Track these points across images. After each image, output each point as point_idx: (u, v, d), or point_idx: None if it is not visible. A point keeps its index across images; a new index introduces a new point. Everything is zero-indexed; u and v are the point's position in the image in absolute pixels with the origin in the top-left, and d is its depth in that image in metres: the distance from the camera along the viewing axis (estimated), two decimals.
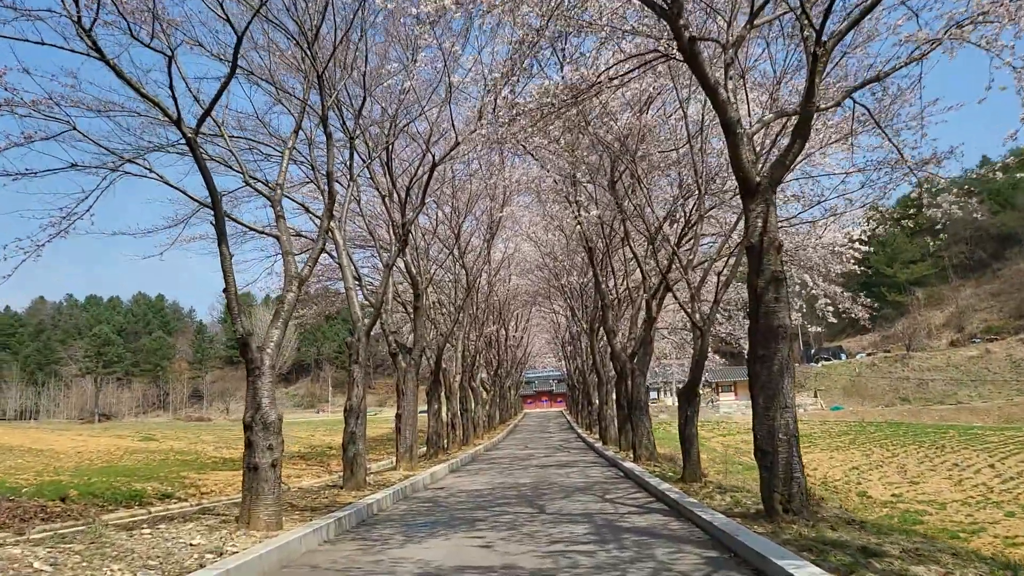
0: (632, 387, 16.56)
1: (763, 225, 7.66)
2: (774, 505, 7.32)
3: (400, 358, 17.12)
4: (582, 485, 13.32)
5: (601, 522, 8.70)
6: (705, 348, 11.30)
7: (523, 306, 45.50)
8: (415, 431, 17.03)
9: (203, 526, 7.88)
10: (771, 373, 7.46)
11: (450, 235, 25.01)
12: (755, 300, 7.64)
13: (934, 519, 23.15)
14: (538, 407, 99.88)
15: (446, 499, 12.06)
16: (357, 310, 12.94)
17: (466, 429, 28.55)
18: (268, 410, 8.08)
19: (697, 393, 11.81)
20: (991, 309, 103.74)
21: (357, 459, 12.54)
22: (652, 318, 16.32)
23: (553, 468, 17.64)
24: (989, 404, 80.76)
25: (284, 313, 8.43)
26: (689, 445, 11.63)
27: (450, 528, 8.78)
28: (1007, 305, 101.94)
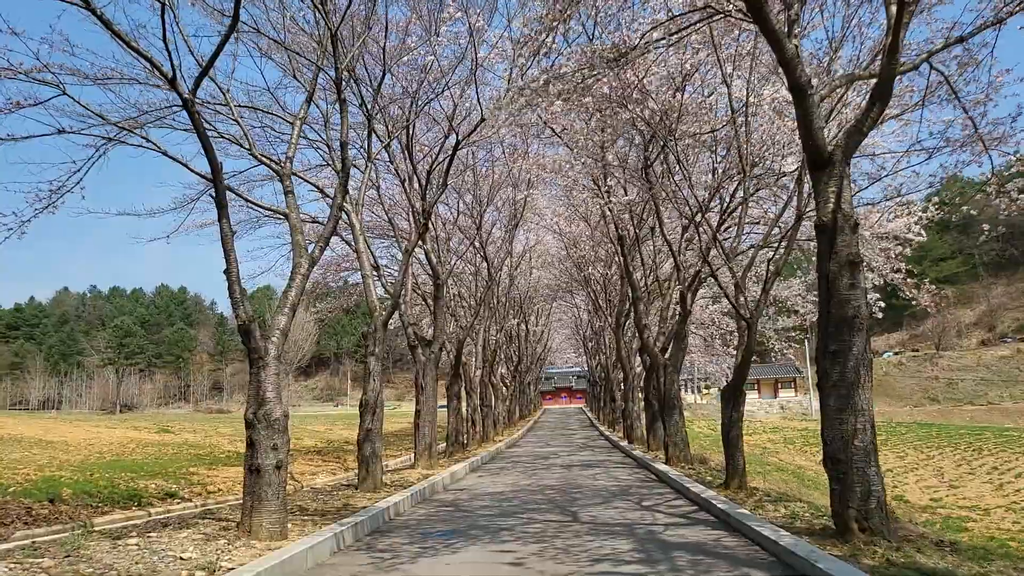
0: (664, 384, 15.60)
1: (836, 200, 6.69)
2: (848, 522, 6.36)
3: (419, 351, 16.26)
4: (614, 489, 12.40)
5: (644, 535, 7.77)
6: (753, 343, 10.32)
7: (544, 300, 44.57)
8: (434, 428, 16.18)
9: (200, 534, 7.04)
10: (845, 370, 6.49)
11: (471, 225, 24.15)
12: (826, 287, 6.68)
13: (979, 526, 21.99)
14: (557, 403, 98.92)
15: (468, 503, 11.19)
16: (374, 299, 12.08)
17: (486, 426, 27.70)
18: (273, 405, 7.23)
19: (742, 392, 10.84)
20: (1023, 308, 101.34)
21: (373, 458, 11.69)
22: (687, 311, 15.33)
23: (578, 468, 16.73)
24: (1021, 405, 78.73)
25: (292, 297, 7.57)
26: (733, 449, 10.66)
27: (474, 539, 7.89)
28: None
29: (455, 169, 21.48)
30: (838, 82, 7.65)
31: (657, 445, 19.27)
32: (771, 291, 10.58)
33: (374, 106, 12.60)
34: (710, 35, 10.60)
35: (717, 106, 13.15)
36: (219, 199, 7.09)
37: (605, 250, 27.44)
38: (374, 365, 11.85)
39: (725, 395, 10.86)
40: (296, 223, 7.95)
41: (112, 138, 8.06)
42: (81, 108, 7.79)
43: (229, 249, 7.15)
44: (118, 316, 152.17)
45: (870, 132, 7.06)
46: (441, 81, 12.76)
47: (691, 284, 15.35)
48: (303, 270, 7.69)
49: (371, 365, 11.85)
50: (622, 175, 16.84)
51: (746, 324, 10.29)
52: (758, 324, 10.26)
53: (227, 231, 7.13)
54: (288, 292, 7.62)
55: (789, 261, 16.28)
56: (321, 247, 7.98)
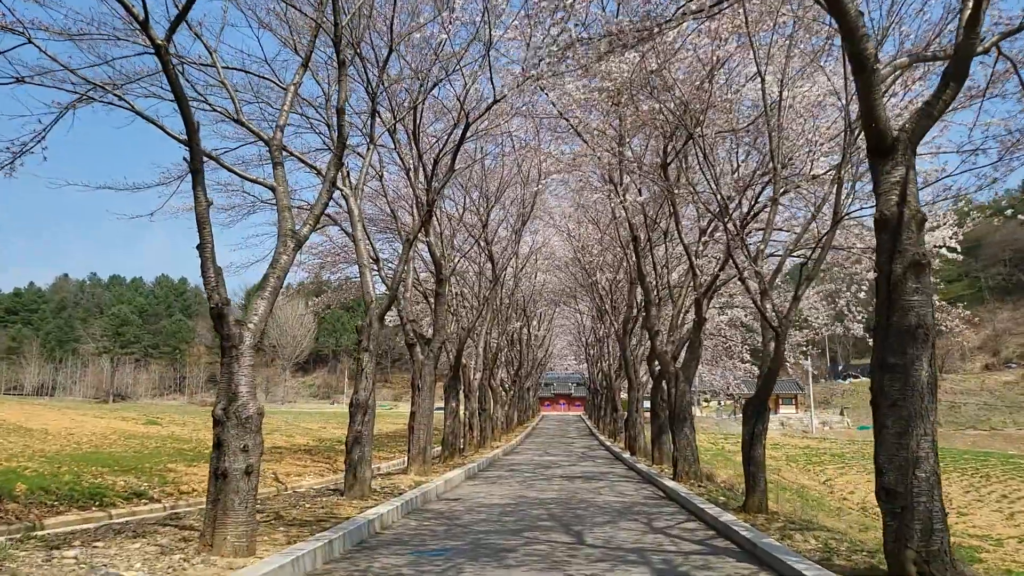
0: (676, 394, 14.70)
1: (901, 193, 5.80)
2: (905, 565, 5.46)
3: (417, 350, 15.37)
4: (619, 506, 11.49)
5: (662, 565, 6.86)
6: (781, 354, 9.43)
7: (548, 305, 43.71)
8: (430, 431, 15.29)
9: (154, 545, 6.16)
10: (906, 388, 5.60)
11: (477, 223, 23.30)
12: (887, 291, 5.79)
13: (992, 557, 21.04)
14: (556, 410, 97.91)
15: (463, 515, 10.28)
16: (371, 291, 11.20)
17: (484, 430, 26.79)
18: (246, 401, 6.35)
19: (767, 407, 9.94)
20: None
21: (362, 462, 10.80)
22: (703, 319, 14.46)
23: (580, 481, 15.82)
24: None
25: (274, 280, 6.69)
26: (756, 468, 9.76)
27: (470, 561, 7.00)
28: None
29: (462, 162, 20.68)
30: (901, 62, 6.77)
31: (662, 458, 18.38)
32: (802, 298, 9.69)
33: (378, 85, 11.73)
34: (745, 20, 9.75)
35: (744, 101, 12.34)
36: (194, 163, 6.23)
37: (613, 255, 26.59)
38: (367, 362, 10.96)
39: (748, 410, 9.95)
40: (284, 198, 7.07)
41: (82, 95, 7.20)
42: (48, 60, 6.92)
43: (204, 221, 6.29)
44: (116, 304, 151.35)
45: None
46: (452, 61, 11.87)
47: (707, 291, 14.49)
48: (288, 250, 6.82)
49: (364, 362, 10.96)
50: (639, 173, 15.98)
51: (774, 333, 9.40)
52: (787, 334, 9.38)
53: (202, 200, 6.26)
54: (270, 275, 6.74)
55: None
56: (311, 225, 7.10)
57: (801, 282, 9.42)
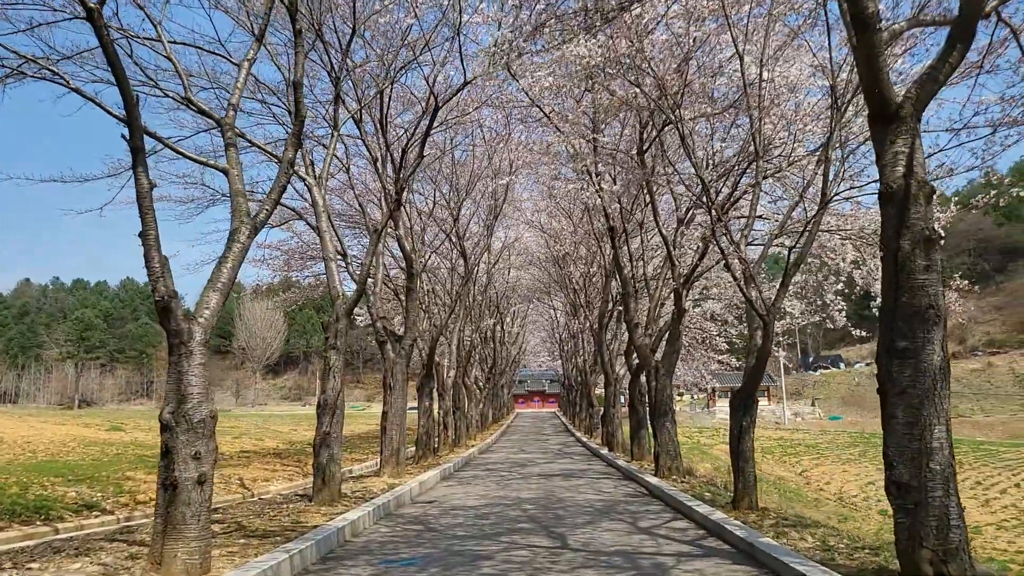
0: (656, 388, 14.28)
1: (907, 163, 5.38)
2: (920, 565, 5.04)
3: (388, 347, 14.79)
4: (600, 505, 11.02)
5: (653, 571, 6.39)
6: (769, 344, 9.01)
7: (521, 301, 43.28)
8: (403, 431, 14.72)
9: (97, 565, 5.56)
10: (917, 373, 5.18)
11: (448, 217, 22.76)
12: (894, 270, 5.36)
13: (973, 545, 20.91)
14: (530, 407, 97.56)
15: (438, 520, 9.75)
16: (337, 284, 10.61)
17: (459, 429, 26.26)
18: (198, 404, 5.77)
19: (755, 400, 9.52)
20: (994, 322, 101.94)
21: (331, 466, 10.22)
22: (682, 310, 14.04)
23: (559, 479, 15.35)
24: (992, 419, 78.77)
25: (227, 270, 6.10)
26: (744, 463, 9.34)
27: (444, 571, 6.47)
28: (1010, 319, 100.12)
29: (431, 155, 20.12)
30: (899, 26, 6.35)
31: (642, 454, 17.99)
32: (790, 285, 9.29)
33: (342, 69, 11.14)
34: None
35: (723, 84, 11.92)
36: (133, 141, 5.62)
37: (587, 248, 26.19)
38: (335, 360, 10.38)
39: (735, 402, 9.53)
40: (237, 181, 6.48)
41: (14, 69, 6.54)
42: None
43: (147, 207, 5.68)
44: (80, 309, 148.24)
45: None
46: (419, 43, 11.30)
47: (687, 281, 14.08)
48: (242, 238, 6.23)
49: (331, 360, 10.38)
50: (613, 161, 15.55)
51: (762, 322, 8.98)
52: (775, 322, 8.97)
53: (144, 182, 5.66)
54: (223, 265, 6.15)
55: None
56: (268, 210, 6.52)
57: (789, 268, 9.01)
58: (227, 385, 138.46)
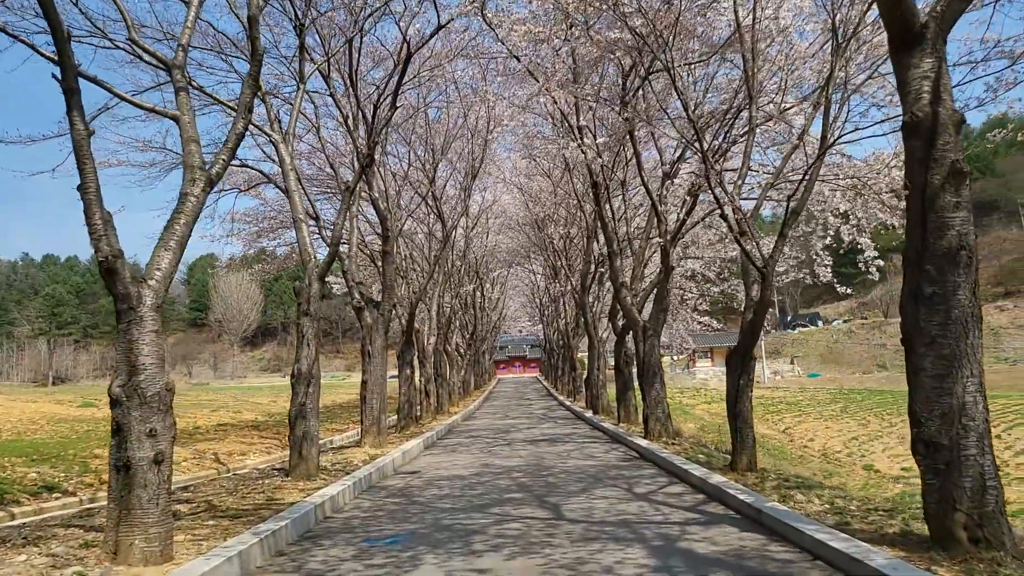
0: (644, 349, 13.84)
1: (934, 89, 4.85)
2: (953, 530, 4.61)
3: (366, 313, 14.21)
4: (592, 471, 10.60)
5: (658, 541, 5.94)
6: (768, 298, 8.54)
7: (501, 266, 42.73)
8: (383, 400, 14.21)
9: (45, 556, 5.00)
10: (948, 321, 4.71)
11: (423, 180, 22.07)
12: (920, 208, 4.86)
13: None
14: (511, 372, 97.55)
15: (424, 491, 9.27)
16: (308, 247, 9.98)
17: (440, 396, 25.80)
18: (152, 375, 5.19)
19: (752, 357, 9.09)
20: None
21: (308, 439, 9.68)
22: (670, 267, 13.56)
23: (545, 444, 14.95)
24: None
25: (180, 227, 5.48)
26: (743, 424, 8.93)
27: (434, 548, 5.99)
28: (984, 272, 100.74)
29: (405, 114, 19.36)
30: None
31: (628, 416, 17.63)
32: (788, 235, 8.79)
33: (306, 15, 10.38)
34: None
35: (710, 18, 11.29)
36: (66, 82, 4.95)
37: (567, 210, 25.64)
38: (308, 327, 9.79)
39: (732, 360, 9.09)
40: (189, 128, 5.82)
41: None
42: None
43: (84, 156, 5.03)
44: (51, 285, 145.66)
45: None
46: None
47: (674, 237, 13.58)
48: (196, 190, 5.60)
49: (305, 327, 9.78)
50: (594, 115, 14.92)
51: (760, 275, 8.49)
52: (773, 275, 8.48)
53: (80, 129, 5.00)
54: (175, 222, 5.52)
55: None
56: (224, 161, 5.87)
57: (788, 217, 8.52)
58: (205, 359, 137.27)
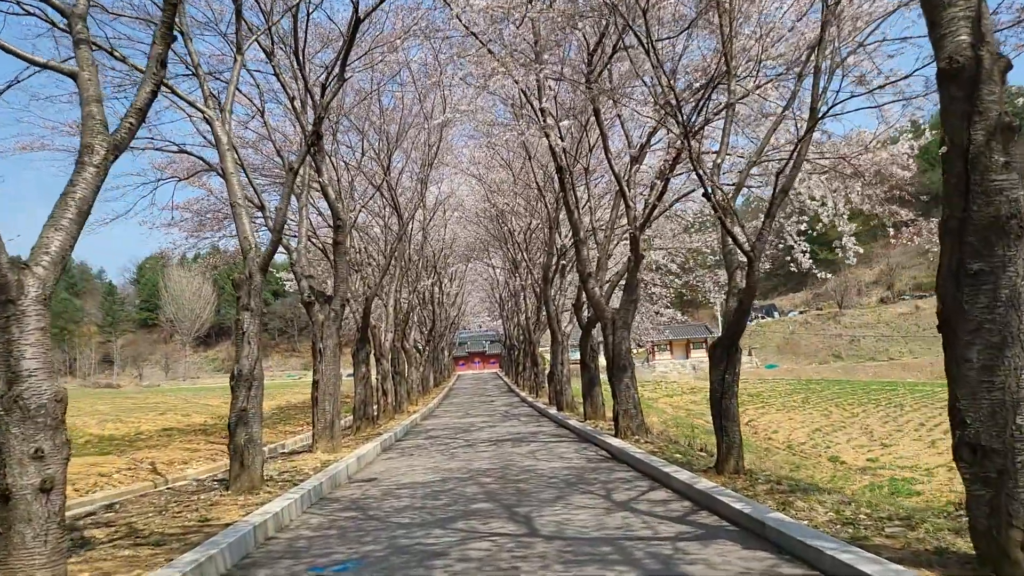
0: (614, 342, 13.09)
1: (974, 29, 4.12)
2: (1008, 549, 3.89)
3: (316, 309, 13.23)
4: (566, 475, 9.80)
5: (651, 562, 5.15)
6: (755, 284, 7.81)
7: (459, 260, 41.79)
8: (337, 401, 13.25)
9: None
10: (996, 302, 3.99)
11: (377, 171, 21.10)
12: (963, 169, 4.12)
13: (928, 488, 20.64)
14: (471, 369, 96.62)
15: (380, 503, 8.38)
16: (249, 235, 8.99)
17: (399, 395, 24.83)
18: (37, 383, 4.21)
19: (738, 348, 8.37)
20: (919, 267, 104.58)
21: (250, 447, 8.71)
22: (640, 256, 12.84)
23: (510, 444, 14.15)
24: (920, 360, 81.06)
25: (76, 202, 4.51)
26: (727, 421, 8.19)
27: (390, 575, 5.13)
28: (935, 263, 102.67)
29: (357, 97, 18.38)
30: None
31: (595, 413, 16.90)
32: (776, 216, 8.08)
33: None
34: None
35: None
36: None
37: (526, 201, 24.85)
38: (249, 323, 8.81)
39: (716, 352, 8.36)
40: (90, 85, 4.84)
41: None
42: None
43: None
44: None
45: None
46: None
47: (644, 223, 12.84)
48: (96, 159, 4.63)
49: (245, 323, 8.80)
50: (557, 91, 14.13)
51: (747, 259, 7.76)
52: (761, 259, 7.76)
53: None
54: (70, 195, 4.55)
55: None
56: (130, 125, 4.89)
57: (776, 195, 7.79)
58: (156, 360, 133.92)
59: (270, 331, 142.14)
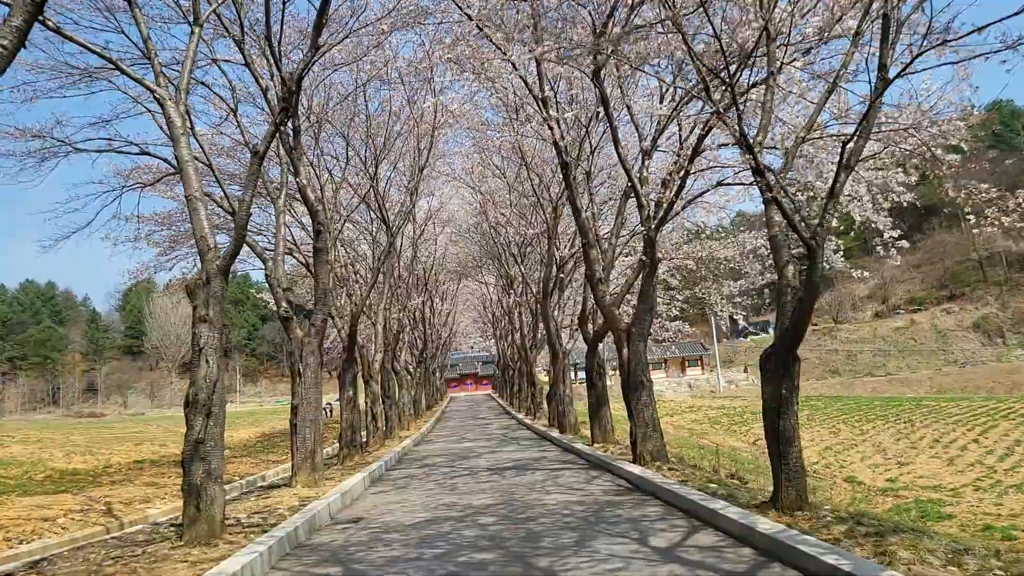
0: (629, 356, 11.68)
1: None
2: None
3: (295, 325, 11.80)
4: (582, 511, 8.35)
5: None
6: (818, 280, 6.43)
7: (451, 278, 40.43)
8: (318, 428, 11.77)
9: None
10: None
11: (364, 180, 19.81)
12: None
13: (960, 511, 19.24)
14: (464, 390, 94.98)
15: (367, 553, 6.90)
16: (206, 231, 7.56)
17: (390, 419, 23.34)
18: None
19: (797, 358, 6.96)
20: (913, 280, 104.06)
21: (209, 486, 7.24)
22: (655, 260, 11.47)
23: (512, 473, 12.67)
24: (919, 375, 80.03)
25: None
26: (786, 446, 6.77)
27: None
28: (929, 276, 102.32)
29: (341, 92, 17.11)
30: None
31: (604, 436, 15.47)
32: (840, 194, 6.72)
33: None
34: None
35: None
36: None
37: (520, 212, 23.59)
38: (207, 338, 7.35)
39: (768, 363, 6.96)
40: None
41: None
42: None
43: None
44: None
45: None
46: None
47: (661, 222, 11.49)
48: None
49: (202, 338, 7.35)
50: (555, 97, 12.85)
51: (807, 249, 6.39)
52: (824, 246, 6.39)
53: None
54: None
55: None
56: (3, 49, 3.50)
57: (841, 169, 6.44)
58: (141, 387, 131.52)
59: (259, 356, 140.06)
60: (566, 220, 21.77)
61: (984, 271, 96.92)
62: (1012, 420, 33.14)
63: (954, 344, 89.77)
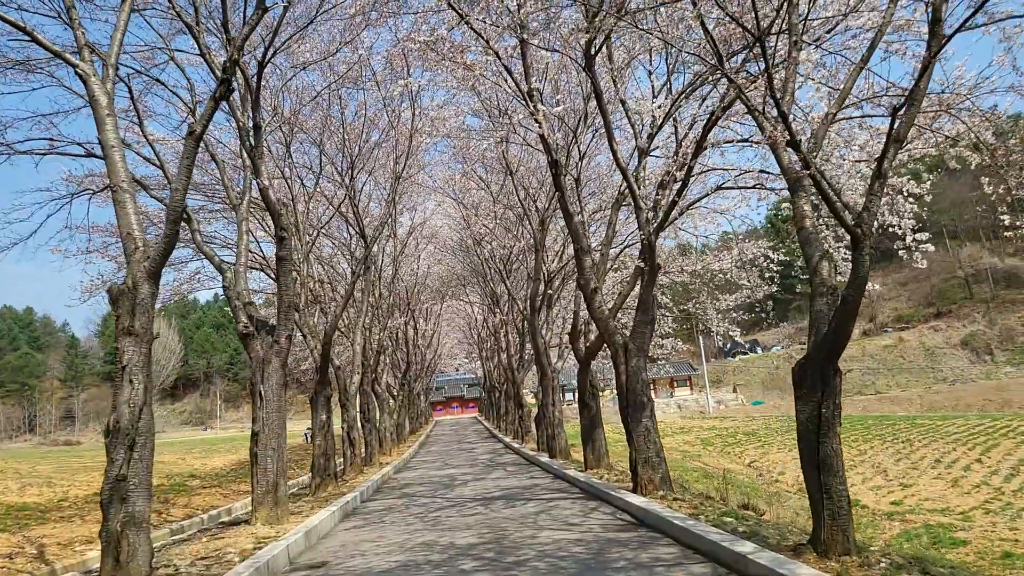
0: (628, 373, 10.52)
1: None
2: None
3: (256, 342, 10.58)
4: (583, 553, 7.13)
5: None
6: (865, 275, 5.34)
7: (433, 298, 39.21)
8: (282, 457, 10.51)
9: None
10: None
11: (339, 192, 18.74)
12: None
13: (973, 536, 18.12)
14: (450, 414, 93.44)
15: None
16: (133, 227, 6.37)
17: (370, 445, 21.99)
18: None
19: (838, 370, 5.84)
20: (900, 298, 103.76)
21: (132, 534, 5.98)
22: (655, 267, 10.36)
23: (501, 504, 11.46)
24: (909, 393, 79.26)
25: None
26: (828, 476, 5.61)
27: None
28: (916, 294, 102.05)
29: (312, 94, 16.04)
30: None
31: (597, 461, 14.27)
32: (889, 174, 5.65)
33: None
34: None
35: None
36: None
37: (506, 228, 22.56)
38: (132, 354, 6.14)
39: (804, 378, 5.83)
40: None
41: None
42: None
43: None
44: None
45: None
46: None
47: (660, 227, 10.39)
48: None
49: (126, 355, 6.13)
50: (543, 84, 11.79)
51: (853, 240, 5.30)
52: (871, 236, 5.32)
53: None
54: None
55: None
56: None
57: (889, 144, 5.36)
58: None
59: (240, 381, 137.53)
60: (553, 234, 20.76)
61: (970, 288, 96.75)
62: (1013, 439, 32.16)
63: (943, 362, 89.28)
